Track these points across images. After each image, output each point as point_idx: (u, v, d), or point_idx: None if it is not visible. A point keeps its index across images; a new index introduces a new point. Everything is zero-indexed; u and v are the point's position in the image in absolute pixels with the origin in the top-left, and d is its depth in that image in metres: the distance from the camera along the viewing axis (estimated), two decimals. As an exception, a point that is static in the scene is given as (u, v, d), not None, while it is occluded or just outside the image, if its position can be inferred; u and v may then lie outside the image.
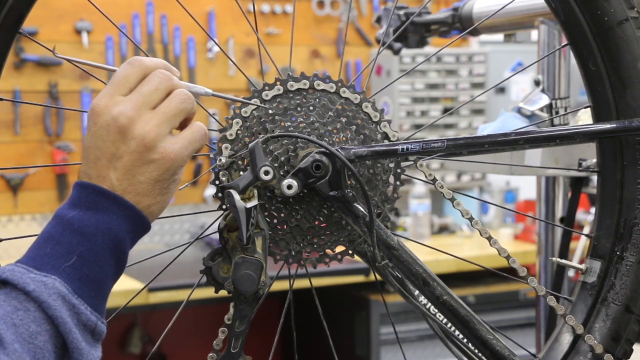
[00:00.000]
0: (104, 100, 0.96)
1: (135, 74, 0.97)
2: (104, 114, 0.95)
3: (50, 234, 0.92)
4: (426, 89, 4.43)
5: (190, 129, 1.00)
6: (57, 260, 0.90)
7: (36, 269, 0.90)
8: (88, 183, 0.94)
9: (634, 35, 1.13)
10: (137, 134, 0.94)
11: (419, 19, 2.03)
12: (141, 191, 0.95)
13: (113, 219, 0.93)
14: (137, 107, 0.95)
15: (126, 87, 0.96)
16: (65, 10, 4.09)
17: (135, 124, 0.94)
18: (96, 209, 0.93)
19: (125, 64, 0.98)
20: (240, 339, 1.09)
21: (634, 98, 1.14)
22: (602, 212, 1.20)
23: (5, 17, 1.07)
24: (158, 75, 0.97)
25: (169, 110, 0.97)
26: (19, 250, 3.89)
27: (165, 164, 0.96)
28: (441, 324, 1.19)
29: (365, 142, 1.14)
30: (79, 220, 0.92)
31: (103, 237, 0.92)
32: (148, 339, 4.18)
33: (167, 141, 0.96)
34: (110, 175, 0.94)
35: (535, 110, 1.80)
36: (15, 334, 0.86)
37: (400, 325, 3.73)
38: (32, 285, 0.88)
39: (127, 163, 0.94)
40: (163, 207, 0.99)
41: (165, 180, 0.97)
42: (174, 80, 0.99)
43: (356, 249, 1.18)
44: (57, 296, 0.89)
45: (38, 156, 4.05)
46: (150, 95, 0.96)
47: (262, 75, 1.54)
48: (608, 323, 1.18)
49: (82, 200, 0.93)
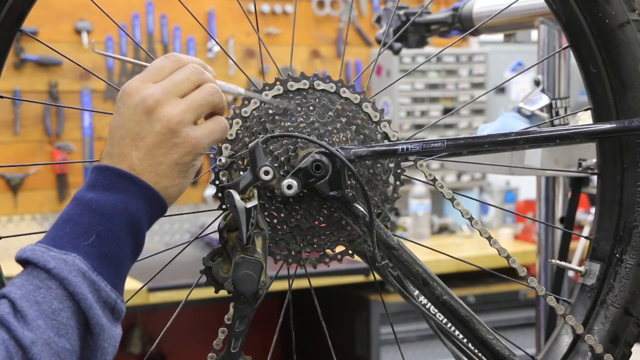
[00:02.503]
0: (136, 83, 0.98)
1: (170, 66, 1.00)
2: (133, 95, 0.97)
3: (69, 215, 0.94)
4: (426, 89, 4.43)
5: (212, 121, 1.02)
6: (77, 239, 0.92)
7: (56, 248, 0.91)
8: (106, 166, 0.96)
9: (635, 38, 1.13)
10: (162, 117, 0.97)
11: (419, 19, 2.03)
12: (160, 172, 0.97)
13: (131, 199, 0.95)
14: (167, 92, 0.98)
15: (159, 76, 0.99)
16: (65, 10, 4.08)
17: (162, 106, 0.97)
18: (114, 190, 0.95)
19: (162, 57, 1.01)
20: (240, 339, 1.09)
21: (634, 100, 1.14)
22: (602, 214, 1.20)
23: (6, 16, 1.08)
24: (191, 67, 1.00)
25: (196, 99, 0.99)
26: (18, 250, 3.89)
27: (186, 148, 0.98)
28: (441, 324, 1.19)
29: (365, 142, 1.14)
30: (97, 201, 0.94)
31: (121, 217, 0.94)
32: (148, 339, 4.18)
33: (190, 127, 0.98)
34: (132, 154, 0.96)
35: (535, 110, 1.80)
36: (38, 310, 0.88)
37: (400, 325, 3.73)
38: (53, 262, 0.90)
39: (150, 143, 0.96)
40: (181, 190, 1.00)
41: (184, 164, 0.98)
42: (206, 75, 1.02)
43: (356, 249, 1.18)
44: (78, 272, 0.90)
45: (38, 156, 4.05)
46: (180, 83, 0.99)
47: (263, 75, 1.54)
48: (607, 325, 1.18)
49: (100, 182, 0.95)
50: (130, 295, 1.25)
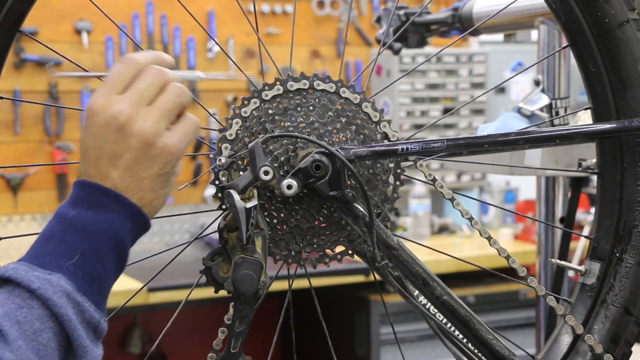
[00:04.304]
0: (101, 100, 0.96)
1: (129, 72, 0.98)
2: (102, 113, 0.96)
3: (51, 232, 0.93)
4: (426, 89, 4.43)
5: (184, 123, 1.00)
6: (60, 259, 0.91)
7: (39, 267, 0.90)
8: (89, 182, 0.95)
9: (635, 37, 1.13)
10: (137, 132, 0.95)
11: (419, 19, 2.03)
12: (143, 187, 0.96)
13: (115, 217, 0.94)
14: (134, 104, 0.96)
15: (121, 86, 0.97)
16: (65, 10, 4.08)
17: (134, 121, 0.95)
18: (98, 208, 0.93)
19: (118, 63, 0.99)
20: (240, 339, 1.09)
21: (634, 99, 1.14)
22: (602, 213, 1.20)
23: (5, 16, 1.07)
24: (151, 71, 0.98)
25: (165, 106, 0.97)
26: (18, 250, 3.89)
27: (165, 158, 0.97)
28: (441, 324, 1.19)
29: (365, 142, 1.14)
30: (81, 218, 0.92)
31: (105, 236, 0.93)
32: (148, 339, 4.18)
33: (166, 136, 0.97)
34: (112, 173, 0.95)
35: (535, 110, 1.80)
36: (19, 330, 0.86)
37: (400, 325, 3.73)
38: (37, 282, 0.88)
39: (129, 161, 0.95)
40: (164, 200, 1.00)
41: (166, 174, 0.98)
42: (167, 74, 0.99)
43: (356, 249, 1.18)
44: (62, 294, 0.89)
45: (38, 156, 4.05)
46: (145, 91, 0.97)
47: (263, 75, 1.54)
48: (607, 325, 1.18)
49: (83, 198, 0.94)
50: (131, 296, 1.25)
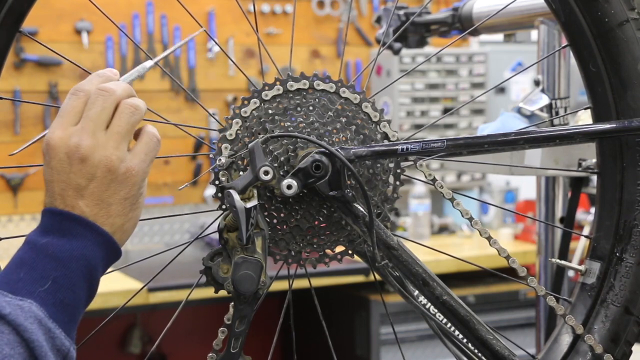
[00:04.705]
0: (58, 133, 0.97)
1: (80, 102, 0.98)
2: (61, 147, 0.96)
3: (22, 259, 0.93)
4: (426, 89, 4.43)
5: (143, 141, 1.00)
6: (32, 285, 0.91)
7: (10, 292, 0.90)
8: (59, 210, 0.95)
9: (635, 37, 1.13)
10: (98, 161, 0.95)
11: (419, 19, 2.03)
12: (112, 213, 0.97)
13: (87, 245, 0.94)
14: (91, 132, 0.96)
15: (75, 117, 0.97)
16: (65, 10, 4.08)
17: (95, 150, 0.95)
18: (70, 236, 0.94)
19: (67, 96, 0.99)
20: (240, 339, 1.09)
21: (634, 99, 1.14)
22: (602, 213, 1.20)
23: (5, 16, 1.07)
24: (100, 94, 0.98)
25: (121, 129, 0.98)
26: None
27: (130, 181, 0.97)
28: (441, 324, 1.19)
29: (365, 142, 1.13)
30: (53, 245, 0.93)
31: (78, 263, 0.93)
32: (148, 339, 4.17)
33: (128, 160, 0.98)
34: (79, 204, 0.95)
35: (535, 110, 1.80)
36: None
37: (400, 326, 3.73)
38: (8, 308, 0.88)
39: (95, 189, 0.96)
40: (135, 222, 1.00)
41: (133, 196, 0.98)
42: (116, 93, 0.99)
43: (356, 249, 1.18)
44: (34, 320, 0.89)
45: (38, 156, 3.96)
46: (99, 117, 0.97)
47: (263, 75, 1.54)
48: (607, 324, 1.18)
49: (55, 226, 0.94)
50: (131, 296, 1.25)
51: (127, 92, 1.00)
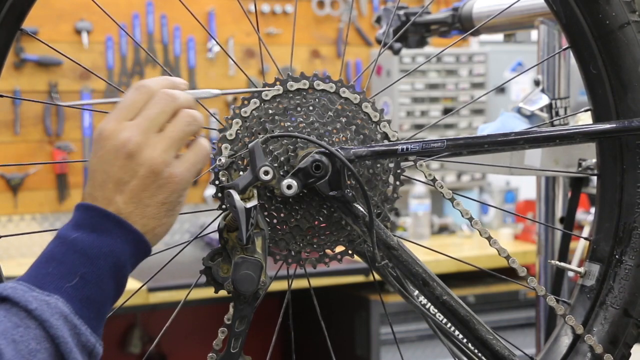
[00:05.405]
0: (112, 125, 0.96)
1: (141, 99, 0.97)
2: (111, 139, 0.95)
3: (52, 253, 0.93)
4: (426, 89, 4.43)
5: (193, 151, 1.00)
6: (59, 281, 0.91)
7: (38, 287, 0.90)
8: (92, 205, 0.95)
9: (635, 39, 1.13)
10: (145, 160, 0.95)
11: (419, 19, 2.03)
12: (147, 214, 0.96)
13: (117, 242, 0.94)
14: (144, 131, 0.96)
15: (133, 112, 0.97)
16: (65, 10, 4.08)
17: (143, 149, 0.95)
18: (100, 232, 0.93)
19: (131, 89, 0.99)
20: (240, 339, 1.09)
21: (634, 101, 1.14)
22: (602, 215, 1.20)
23: (6, 15, 1.07)
24: (163, 97, 0.98)
25: (174, 135, 0.97)
26: (18, 250, 3.89)
27: (171, 187, 0.97)
28: (441, 324, 1.19)
29: (365, 142, 1.13)
30: (82, 241, 0.92)
31: (106, 260, 0.93)
32: (148, 339, 4.18)
33: (173, 165, 0.97)
34: (116, 198, 0.95)
35: (535, 110, 1.80)
36: (15, 350, 0.86)
37: (400, 325, 3.73)
38: (35, 303, 0.88)
39: (135, 187, 0.95)
40: (168, 228, 1.00)
41: (171, 202, 0.98)
42: (179, 100, 0.99)
43: (356, 249, 1.18)
44: (59, 316, 0.89)
45: (38, 156, 4.05)
46: (156, 118, 0.97)
47: (263, 75, 1.54)
48: (606, 326, 1.18)
49: (86, 222, 0.94)
50: (130, 295, 1.26)
51: (189, 104, 1.00)
